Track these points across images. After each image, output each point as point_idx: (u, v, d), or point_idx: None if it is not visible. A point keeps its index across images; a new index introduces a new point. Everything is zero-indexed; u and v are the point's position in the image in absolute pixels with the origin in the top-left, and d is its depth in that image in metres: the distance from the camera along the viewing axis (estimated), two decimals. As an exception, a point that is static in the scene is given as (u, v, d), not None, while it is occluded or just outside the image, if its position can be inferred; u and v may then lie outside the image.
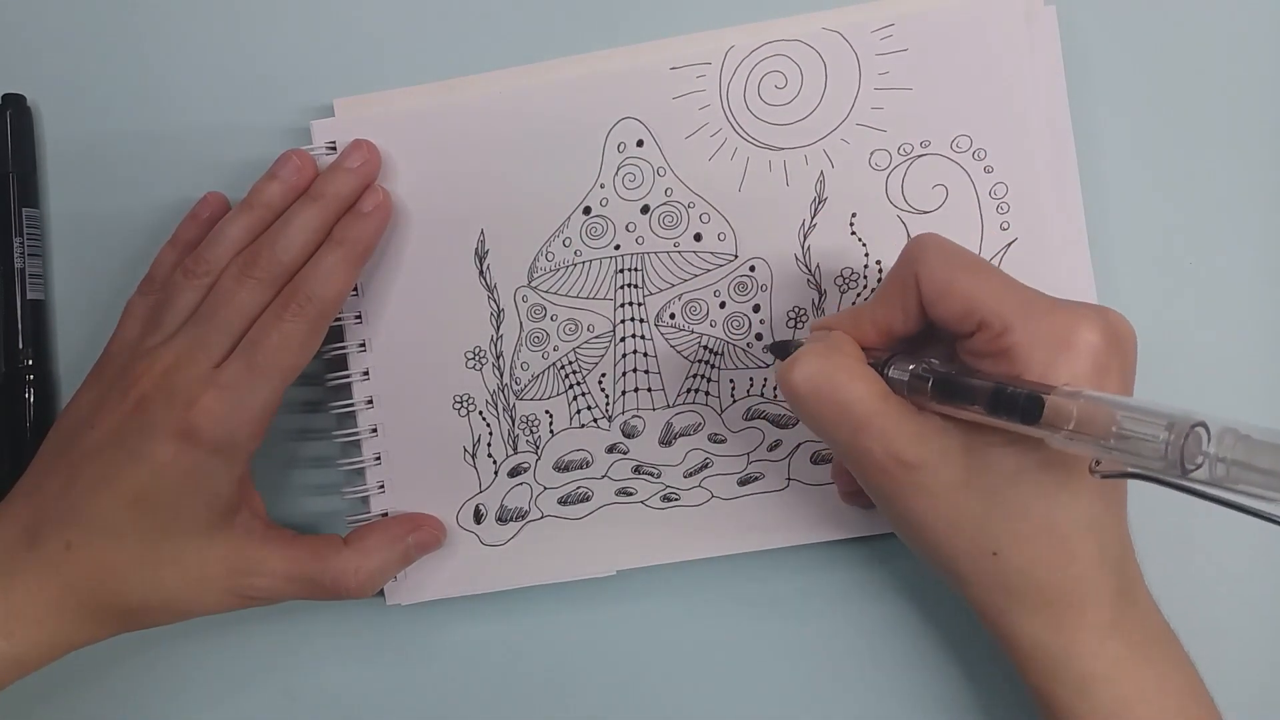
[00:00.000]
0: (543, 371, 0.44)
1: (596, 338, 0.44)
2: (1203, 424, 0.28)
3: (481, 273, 0.44)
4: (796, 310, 0.43)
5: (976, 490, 0.35)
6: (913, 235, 0.42)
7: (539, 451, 0.45)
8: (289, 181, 0.43)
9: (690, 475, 0.44)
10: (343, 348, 0.45)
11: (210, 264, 0.42)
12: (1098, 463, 0.33)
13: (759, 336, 0.44)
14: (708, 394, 0.44)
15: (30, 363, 0.46)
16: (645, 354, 0.44)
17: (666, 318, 0.44)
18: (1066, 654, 0.36)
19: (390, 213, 0.44)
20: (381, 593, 0.45)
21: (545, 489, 0.45)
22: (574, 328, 0.44)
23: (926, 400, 0.35)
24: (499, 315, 0.44)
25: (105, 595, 0.40)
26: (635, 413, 0.44)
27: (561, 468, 0.44)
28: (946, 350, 0.37)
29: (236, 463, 0.40)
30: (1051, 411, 0.31)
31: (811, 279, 0.43)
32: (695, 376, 0.44)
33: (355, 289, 0.44)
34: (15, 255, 0.46)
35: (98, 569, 0.39)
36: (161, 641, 0.46)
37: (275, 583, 0.42)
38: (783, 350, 0.40)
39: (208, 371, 0.40)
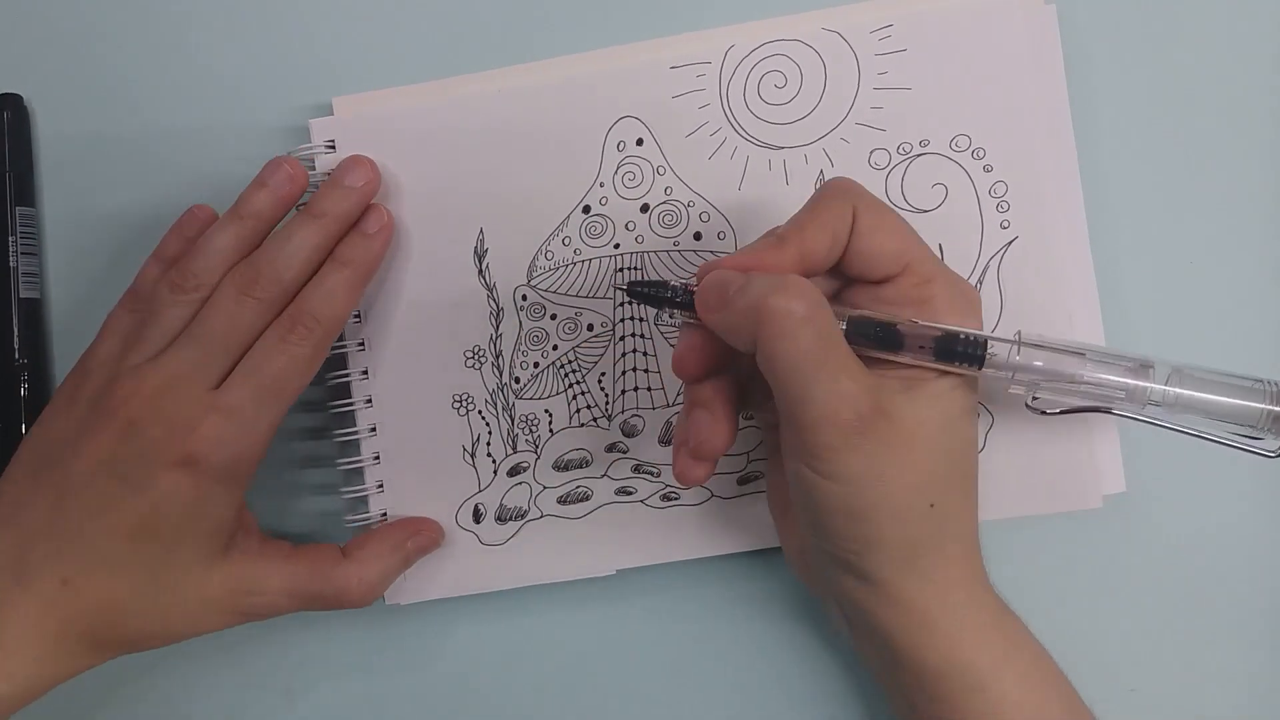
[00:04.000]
0: (542, 370, 0.44)
1: (596, 337, 0.44)
2: (1151, 364, 0.34)
3: (480, 271, 0.44)
4: (796, 309, 0.43)
5: (929, 439, 0.34)
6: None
7: (538, 451, 0.44)
8: (279, 191, 0.41)
9: (690, 474, 0.44)
10: (342, 347, 0.44)
11: (199, 278, 0.40)
12: (1035, 398, 0.37)
13: (759, 335, 0.44)
14: (707, 393, 0.44)
15: (25, 361, 0.46)
16: (645, 353, 0.44)
17: (666, 317, 0.44)
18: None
19: (393, 233, 0.43)
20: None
21: (545, 488, 0.44)
22: (573, 327, 0.44)
23: (864, 349, 0.35)
24: (498, 314, 0.44)
25: (105, 629, 0.38)
26: (635, 411, 0.44)
27: (561, 467, 0.44)
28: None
29: (238, 489, 0.39)
30: (998, 357, 0.35)
31: (811, 278, 0.43)
32: (695, 375, 0.44)
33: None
34: (10, 254, 0.45)
35: (97, 604, 0.38)
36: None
37: (276, 599, 0.41)
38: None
39: (206, 394, 0.38)
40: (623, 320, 0.44)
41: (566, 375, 0.44)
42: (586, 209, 0.44)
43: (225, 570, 0.40)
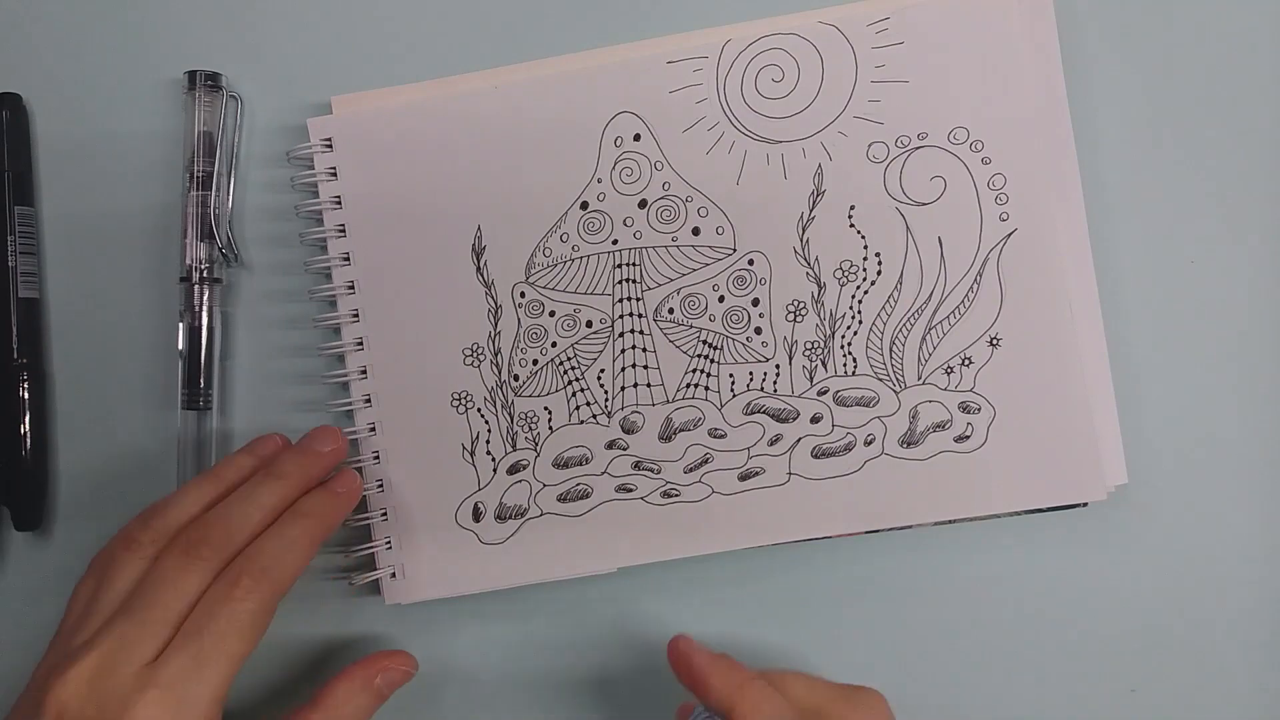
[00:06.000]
0: (541, 368, 0.44)
1: (595, 333, 0.44)
2: None
3: (479, 269, 0.44)
4: (795, 303, 0.43)
5: None
6: (910, 226, 0.43)
7: (538, 448, 0.44)
8: (265, 460, 0.41)
9: (690, 471, 0.44)
10: (340, 346, 0.44)
11: (158, 533, 0.38)
12: None
13: (758, 330, 0.43)
14: (707, 389, 0.44)
15: (23, 361, 0.46)
16: (644, 349, 0.44)
17: (665, 312, 0.44)
18: None
19: (357, 500, 0.42)
20: (380, 592, 0.44)
21: (544, 486, 0.44)
22: (572, 323, 0.44)
23: None
24: (497, 312, 0.44)
25: None
26: (634, 408, 0.44)
27: (561, 464, 0.44)
28: None
29: None
30: None
31: (810, 272, 0.43)
32: (694, 371, 0.44)
33: (351, 286, 0.44)
34: (9, 253, 0.45)
35: None
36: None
37: None
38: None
39: (142, 669, 0.35)
40: (621, 317, 0.44)
41: (565, 372, 0.44)
42: (584, 205, 0.44)
43: None
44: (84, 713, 0.34)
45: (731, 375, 0.44)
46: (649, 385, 0.44)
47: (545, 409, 0.44)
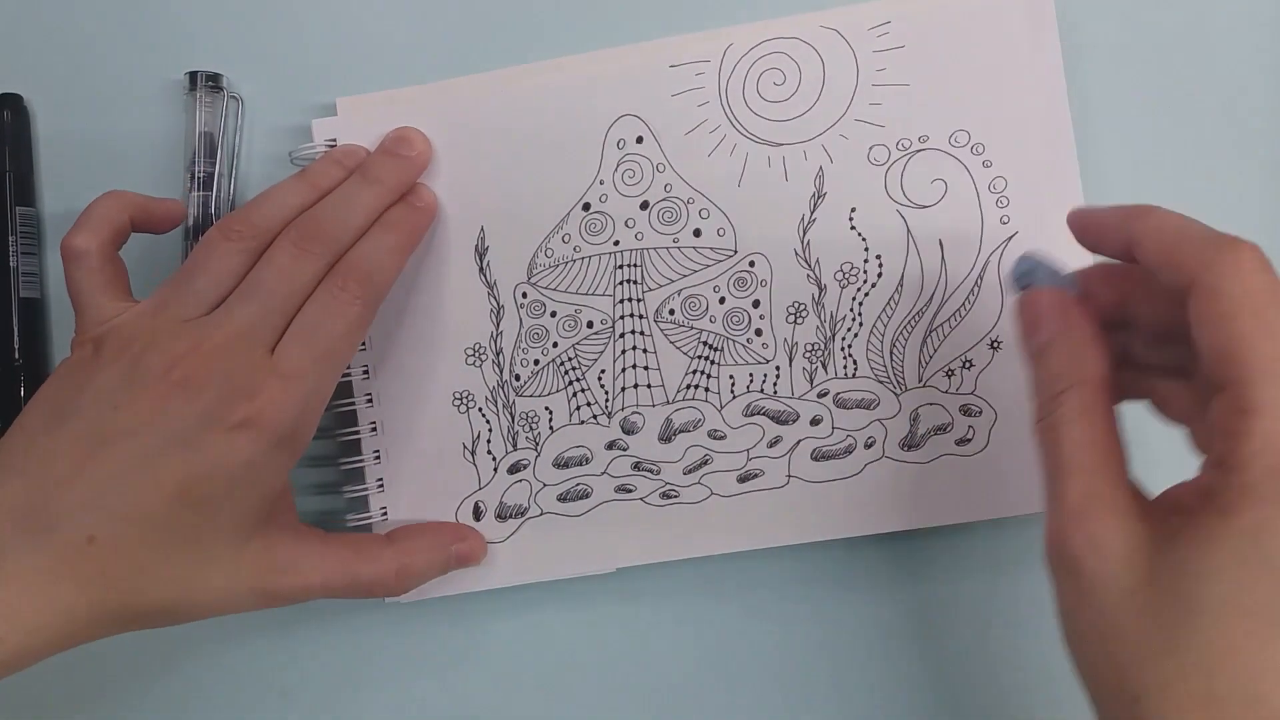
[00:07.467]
0: (542, 368, 0.44)
1: (596, 334, 0.44)
2: None
3: (481, 269, 0.44)
4: (796, 305, 0.43)
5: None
6: (910, 229, 0.43)
7: (538, 448, 0.44)
8: (350, 170, 0.42)
9: (690, 472, 0.44)
10: (341, 345, 0.44)
11: (257, 227, 0.38)
12: None
13: (759, 332, 0.44)
14: (707, 390, 0.44)
15: (24, 361, 0.46)
16: (645, 350, 0.44)
17: (666, 313, 0.44)
18: None
19: (435, 215, 0.43)
20: (380, 591, 0.45)
21: (545, 486, 0.44)
22: (573, 324, 0.44)
23: None
24: (499, 312, 0.44)
25: (126, 597, 0.35)
26: (635, 409, 0.44)
27: (561, 464, 0.44)
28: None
29: (293, 458, 0.37)
30: None
31: (811, 274, 0.43)
32: (695, 372, 0.44)
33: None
34: (10, 254, 0.46)
35: (123, 567, 0.35)
36: (157, 641, 0.45)
37: (308, 580, 0.39)
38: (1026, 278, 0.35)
39: (265, 356, 0.36)
40: (622, 318, 0.44)
41: (566, 373, 0.44)
42: (586, 206, 0.44)
43: (261, 544, 0.38)
44: (210, 389, 0.35)
45: (732, 377, 0.44)
46: (649, 386, 0.44)
47: (546, 409, 0.44)
